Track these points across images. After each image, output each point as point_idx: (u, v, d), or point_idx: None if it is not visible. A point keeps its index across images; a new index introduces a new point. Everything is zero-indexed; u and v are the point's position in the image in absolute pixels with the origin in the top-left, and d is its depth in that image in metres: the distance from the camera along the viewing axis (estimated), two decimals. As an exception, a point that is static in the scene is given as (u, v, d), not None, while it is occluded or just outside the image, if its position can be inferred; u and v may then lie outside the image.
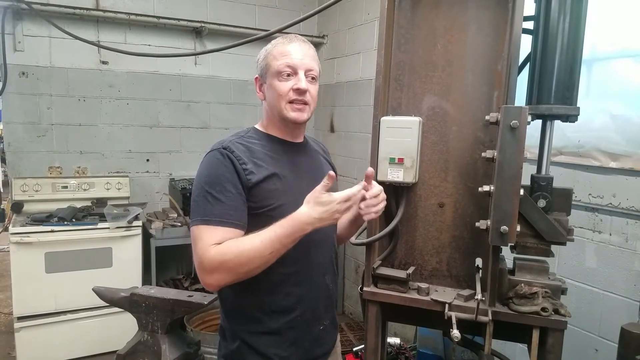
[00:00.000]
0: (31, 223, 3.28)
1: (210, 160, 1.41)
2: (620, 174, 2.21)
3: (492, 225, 1.38)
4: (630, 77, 2.20)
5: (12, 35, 3.60)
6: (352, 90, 4.23)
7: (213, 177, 1.38)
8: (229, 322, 1.51)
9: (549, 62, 1.49)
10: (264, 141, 1.49)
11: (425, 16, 1.66)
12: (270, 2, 4.56)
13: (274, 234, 1.30)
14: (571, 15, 1.46)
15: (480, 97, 1.62)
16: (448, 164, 1.66)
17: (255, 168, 1.39)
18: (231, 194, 1.35)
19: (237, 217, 1.36)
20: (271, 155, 1.46)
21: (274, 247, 1.30)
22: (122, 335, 2.90)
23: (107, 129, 4.02)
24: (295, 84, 1.41)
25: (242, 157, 1.39)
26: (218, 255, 1.30)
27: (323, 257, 1.55)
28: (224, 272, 1.32)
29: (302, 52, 1.45)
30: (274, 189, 1.41)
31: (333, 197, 1.31)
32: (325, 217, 1.31)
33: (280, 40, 1.48)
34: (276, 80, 1.43)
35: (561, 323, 1.43)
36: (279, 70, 1.41)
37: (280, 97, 1.42)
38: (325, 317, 1.57)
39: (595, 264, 2.33)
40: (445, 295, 1.58)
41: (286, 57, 1.42)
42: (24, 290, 3.22)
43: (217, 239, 1.32)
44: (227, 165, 1.37)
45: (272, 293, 1.44)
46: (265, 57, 1.47)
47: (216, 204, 1.35)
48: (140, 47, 4.00)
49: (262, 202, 1.39)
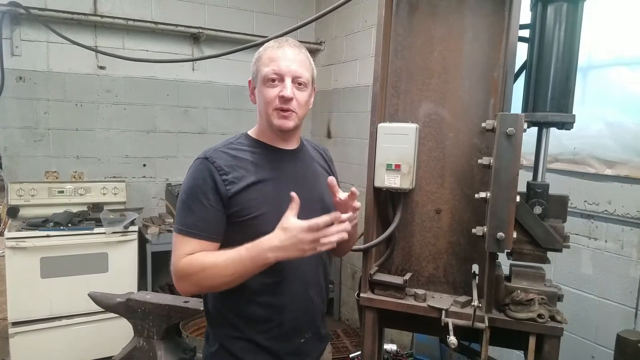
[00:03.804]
0: (27, 228, 3.26)
1: (192, 170, 1.42)
2: (615, 181, 2.22)
3: (489, 232, 1.38)
4: (626, 85, 2.21)
5: (10, 40, 3.59)
6: (349, 97, 4.25)
7: (190, 187, 1.38)
8: (211, 325, 1.51)
9: (545, 70, 1.51)
10: (253, 148, 1.47)
11: (423, 24, 1.68)
12: (267, 9, 4.57)
13: (238, 255, 1.28)
14: (566, 24, 1.48)
15: (477, 104, 1.63)
16: (445, 171, 1.67)
17: (236, 177, 1.38)
18: (203, 206, 1.35)
19: (207, 229, 1.35)
20: (256, 162, 1.44)
21: (236, 269, 1.28)
22: (117, 341, 2.89)
23: (104, 133, 4.01)
24: (280, 91, 1.38)
25: (223, 167, 1.38)
26: (186, 266, 1.32)
27: (309, 269, 1.50)
28: (189, 284, 1.34)
29: (290, 58, 1.41)
30: (254, 198, 1.38)
31: (295, 224, 1.23)
32: (288, 245, 1.23)
33: (271, 44, 1.45)
34: (264, 86, 1.41)
35: (557, 330, 1.44)
36: (266, 76, 1.39)
37: (267, 103, 1.41)
38: (307, 330, 1.53)
39: (591, 271, 2.34)
40: (441, 301, 1.58)
41: (273, 64, 1.39)
42: (18, 296, 3.19)
43: (188, 250, 1.33)
44: (204, 177, 1.37)
45: (250, 302, 1.43)
46: (256, 61, 1.45)
47: (189, 215, 1.36)
48: (137, 52, 4.01)
49: (242, 211, 1.37)
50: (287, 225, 1.24)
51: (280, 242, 1.24)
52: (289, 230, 1.23)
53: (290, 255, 1.25)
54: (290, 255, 1.25)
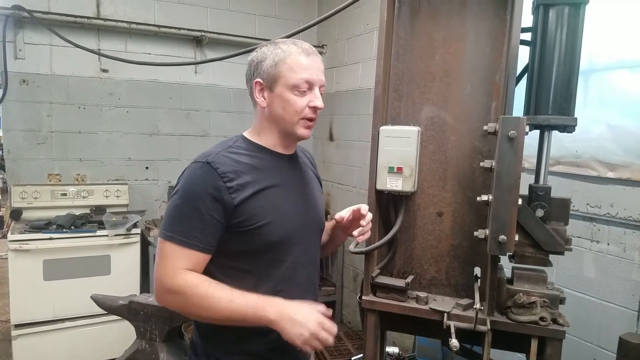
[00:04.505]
0: (30, 230, 3.27)
1: (191, 173, 1.32)
2: (618, 184, 2.22)
3: (491, 235, 1.38)
4: (628, 88, 2.22)
5: (13, 43, 3.61)
6: (351, 99, 4.25)
7: (189, 192, 1.29)
8: (202, 340, 1.42)
9: (547, 73, 1.51)
10: (254, 152, 1.40)
11: (424, 27, 1.68)
12: (270, 12, 4.59)
13: (244, 304, 1.24)
14: (568, 27, 1.48)
15: (479, 107, 1.63)
16: (447, 173, 1.67)
17: (241, 185, 1.30)
18: (201, 214, 1.26)
19: (203, 240, 1.28)
20: (260, 168, 1.37)
21: (232, 314, 1.24)
22: (120, 344, 2.89)
23: (107, 136, 4.02)
24: (311, 101, 1.34)
25: (228, 173, 1.29)
26: (184, 285, 1.25)
27: (307, 276, 1.48)
28: (178, 303, 1.29)
29: (318, 66, 1.36)
30: (260, 207, 1.32)
31: (318, 318, 1.25)
32: (298, 325, 1.23)
33: (294, 49, 1.35)
34: (290, 93, 1.33)
35: (559, 332, 1.44)
36: (296, 84, 1.32)
37: (295, 112, 1.34)
38: None
39: (594, 274, 2.34)
40: (444, 304, 1.58)
41: (304, 72, 1.32)
42: (21, 298, 3.20)
43: (182, 262, 1.27)
44: (206, 183, 1.28)
45: None
46: (276, 63, 1.34)
47: (185, 222, 1.27)
48: (140, 55, 4.02)
49: (248, 220, 1.30)
50: (311, 315, 1.25)
51: (293, 319, 1.23)
52: (309, 319, 1.24)
53: (289, 333, 1.24)
54: (288, 332, 1.24)
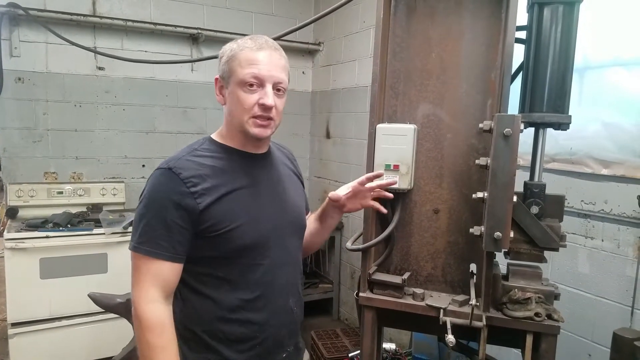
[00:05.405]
0: (26, 229, 3.26)
1: (153, 181, 1.28)
2: (612, 180, 2.24)
3: (486, 232, 1.39)
4: (622, 85, 2.23)
5: (9, 41, 3.60)
6: (348, 97, 4.26)
7: (151, 201, 1.26)
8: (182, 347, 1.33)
9: (542, 71, 1.52)
10: (220, 154, 1.34)
11: (421, 25, 1.69)
12: (266, 10, 4.58)
13: None
14: (562, 25, 1.49)
15: (474, 105, 1.64)
16: (443, 171, 1.68)
17: (206, 189, 1.25)
18: (165, 222, 1.23)
19: (169, 249, 1.24)
20: (227, 170, 1.32)
21: None
22: (117, 342, 2.90)
23: (103, 134, 4.02)
24: (260, 99, 1.26)
25: (191, 178, 1.25)
26: (146, 319, 1.25)
27: (287, 279, 1.42)
28: (136, 328, 1.28)
29: (271, 62, 1.28)
30: (228, 210, 1.28)
31: None
32: None
33: (248, 43, 1.30)
34: (240, 90, 1.27)
35: (554, 328, 1.45)
36: (244, 80, 1.26)
37: (243, 110, 1.28)
38: (289, 344, 1.45)
39: (588, 270, 2.36)
40: (440, 300, 1.60)
41: (253, 67, 1.26)
42: (18, 296, 3.19)
43: (151, 279, 1.24)
44: (167, 190, 1.24)
45: (227, 320, 1.31)
46: (229, 58, 1.30)
47: (149, 232, 1.24)
48: (136, 53, 4.01)
49: (217, 225, 1.26)
50: None
51: None
52: None
53: None
54: None
